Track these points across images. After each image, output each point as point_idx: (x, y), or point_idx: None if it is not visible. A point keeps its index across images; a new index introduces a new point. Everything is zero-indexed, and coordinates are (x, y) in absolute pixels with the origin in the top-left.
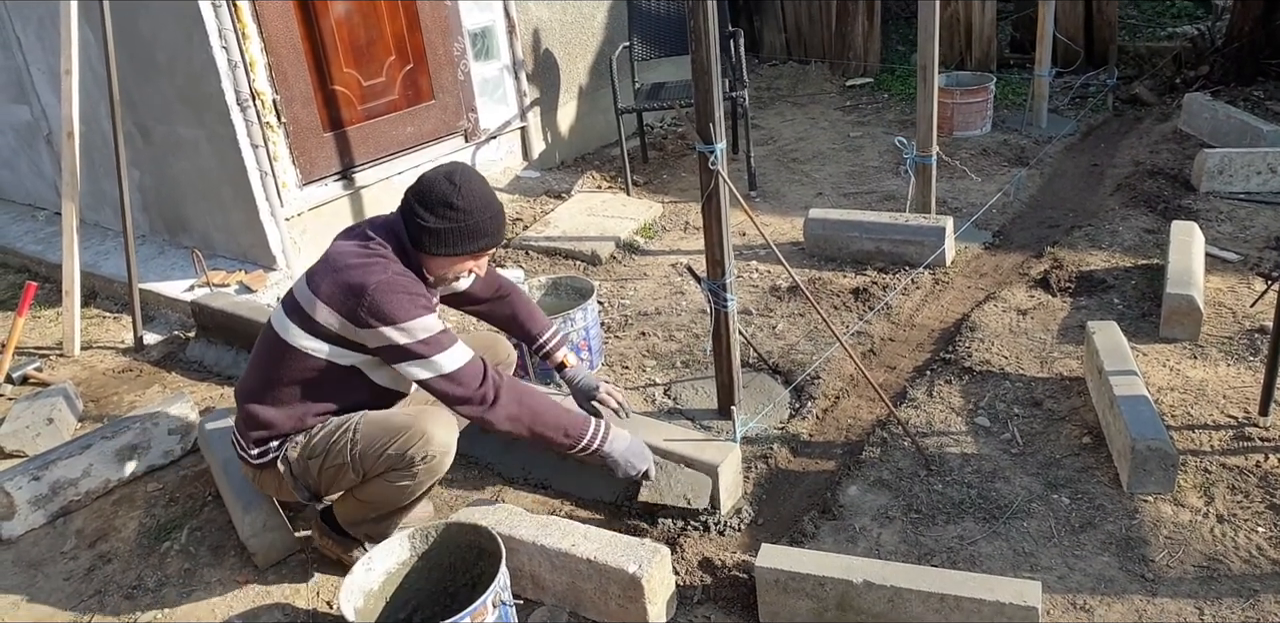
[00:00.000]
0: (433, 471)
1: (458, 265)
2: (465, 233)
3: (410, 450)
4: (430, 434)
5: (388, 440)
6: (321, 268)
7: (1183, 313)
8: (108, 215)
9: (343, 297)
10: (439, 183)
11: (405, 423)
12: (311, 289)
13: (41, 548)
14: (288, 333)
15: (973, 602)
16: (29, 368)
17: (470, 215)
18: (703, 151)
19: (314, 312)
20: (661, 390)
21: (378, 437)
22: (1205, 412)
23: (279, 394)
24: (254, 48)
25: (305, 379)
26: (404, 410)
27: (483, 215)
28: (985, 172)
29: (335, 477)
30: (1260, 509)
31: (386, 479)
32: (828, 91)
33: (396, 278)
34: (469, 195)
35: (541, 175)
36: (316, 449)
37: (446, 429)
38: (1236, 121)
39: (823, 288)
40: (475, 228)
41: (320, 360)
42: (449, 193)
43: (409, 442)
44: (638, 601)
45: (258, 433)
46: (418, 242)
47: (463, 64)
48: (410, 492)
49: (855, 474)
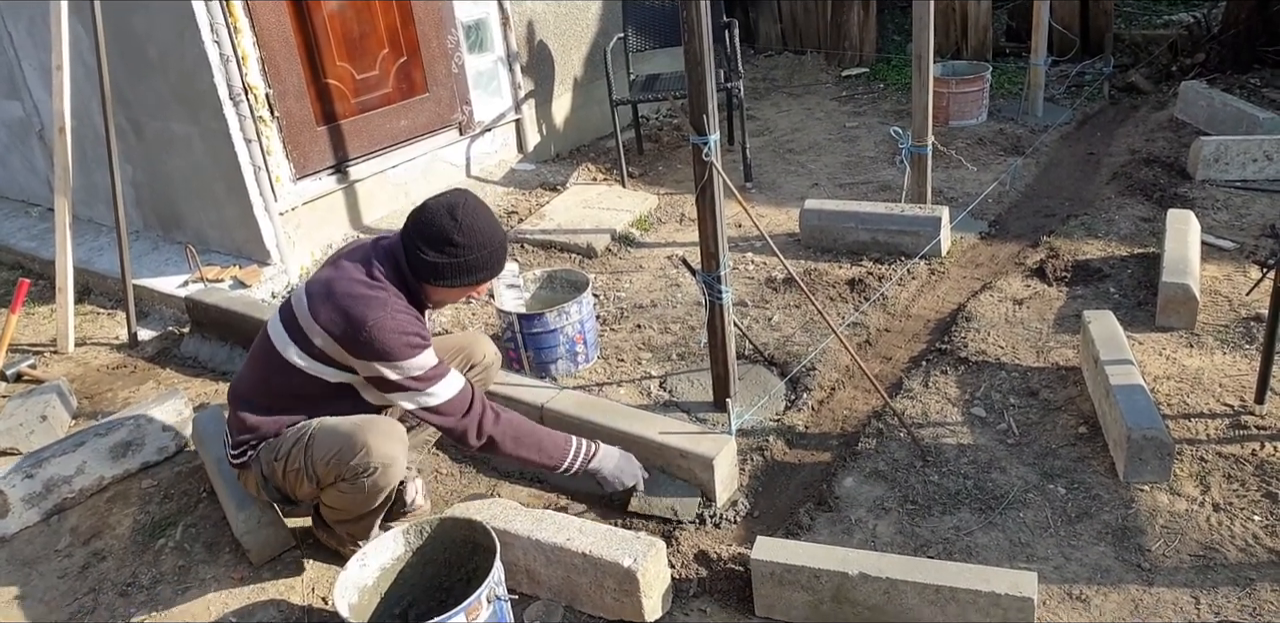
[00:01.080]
0: (377, 483)
1: (457, 294)
2: (464, 268)
3: (353, 462)
4: (371, 446)
5: (333, 449)
6: (323, 292)
7: (1179, 302)
8: (101, 211)
9: (342, 327)
10: (440, 217)
11: (349, 433)
12: (311, 313)
13: (36, 546)
14: (285, 349)
15: (968, 593)
16: (23, 365)
17: (470, 251)
18: (696, 143)
19: (311, 335)
20: (657, 383)
21: (326, 445)
22: (1201, 400)
23: (269, 401)
24: (246, 42)
25: (296, 391)
26: (354, 419)
27: (482, 251)
28: (981, 161)
29: (296, 481)
30: (1256, 498)
31: (338, 488)
32: (823, 82)
33: (396, 316)
34: (469, 232)
35: (536, 168)
36: (280, 452)
37: (387, 440)
38: (1232, 109)
39: (818, 279)
40: (474, 263)
41: (312, 377)
42: (450, 229)
43: (351, 452)
44: (633, 594)
45: (242, 435)
46: (417, 272)
47: (457, 57)
48: (363, 502)
49: (851, 466)
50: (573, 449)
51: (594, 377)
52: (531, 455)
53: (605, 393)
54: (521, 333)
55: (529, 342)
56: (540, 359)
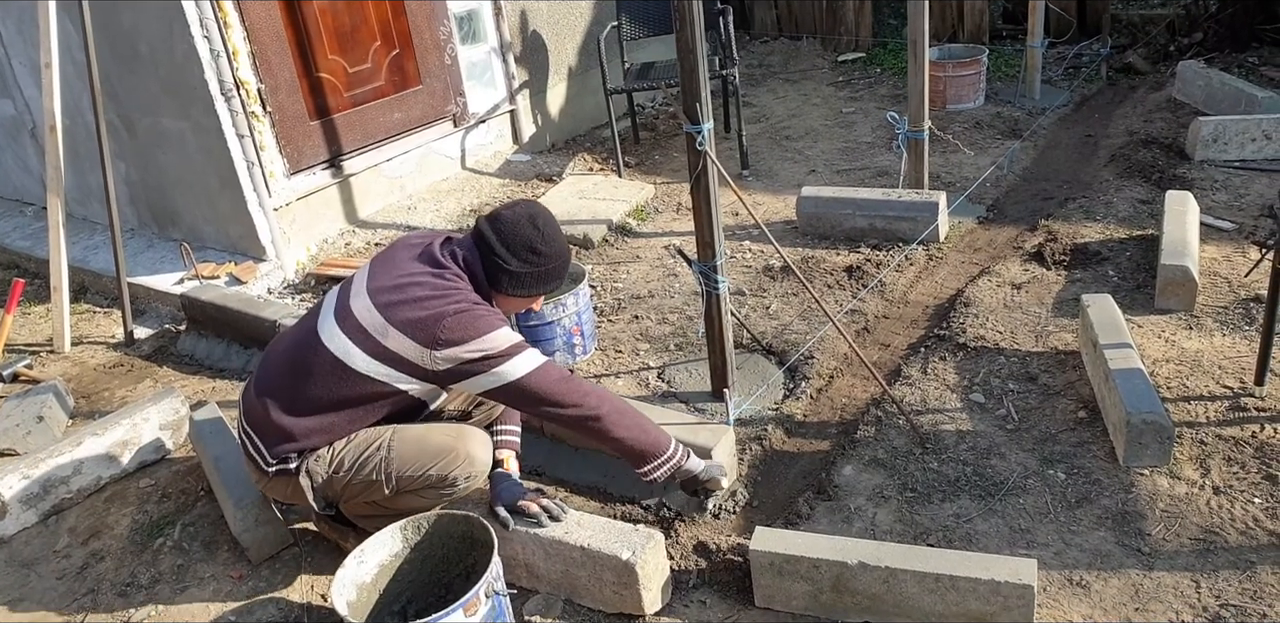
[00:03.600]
0: (470, 488)
1: (523, 303)
2: (543, 277)
3: (454, 472)
4: (474, 456)
5: (429, 462)
6: (395, 291)
7: (1178, 284)
8: (95, 209)
9: (421, 324)
10: (523, 226)
11: (446, 444)
12: (384, 314)
13: (34, 547)
14: (349, 356)
15: (968, 581)
16: (19, 365)
17: (551, 260)
18: (690, 132)
19: (381, 337)
20: (655, 374)
21: (415, 457)
22: (1201, 383)
23: (320, 411)
24: (236, 36)
25: (357, 400)
26: (441, 429)
27: (560, 261)
28: (979, 145)
29: (363, 491)
30: (1256, 480)
31: (420, 494)
32: (820, 67)
33: (475, 308)
34: (552, 241)
35: (532, 159)
36: (344, 464)
37: (485, 449)
38: (1231, 89)
39: (816, 266)
40: (552, 273)
41: (374, 381)
42: (534, 238)
43: (452, 463)
44: (632, 587)
45: (283, 446)
46: (495, 281)
47: (449, 48)
48: (439, 504)
49: (850, 454)
50: (673, 441)
51: (592, 369)
52: (635, 436)
53: (603, 385)
54: (518, 326)
55: (526, 334)
56: None
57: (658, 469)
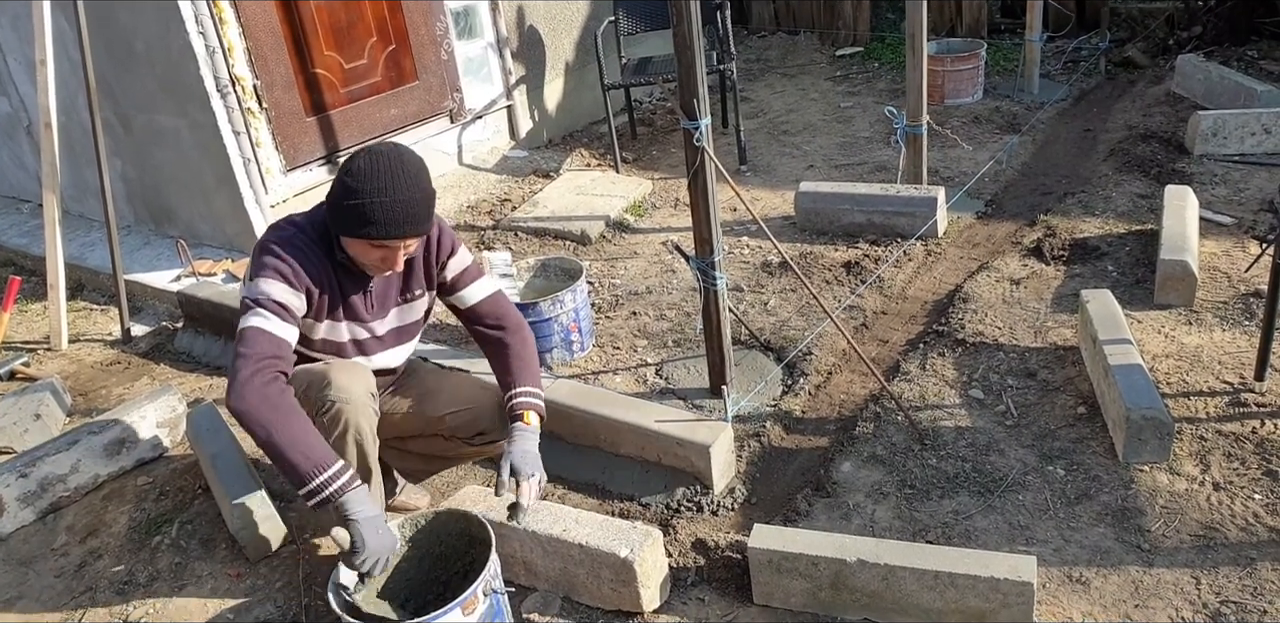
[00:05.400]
0: (342, 411)
1: (357, 250)
2: (354, 213)
3: (324, 393)
4: (336, 382)
5: (303, 380)
6: None
7: (1177, 279)
8: (92, 206)
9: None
10: (355, 158)
11: (320, 368)
12: None
13: (32, 545)
14: None
15: (967, 578)
16: (15, 363)
17: (359, 195)
18: (688, 128)
19: None
20: (653, 371)
21: (305, 378)
22: (1201, 378)
23: None
24: (232, 33)
25: None
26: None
27: (374, 198)
28: (977, 139)
29: None
30: (1257, 476)
31: (319, 421)
32: (818, 62)
33: (268, 250)
34: (364, 175)
35: (529, 154)
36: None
37: (354, 380)
38: (1230, 82)
39: (814, 262)
40: (364, 211)
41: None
42: (353, 169)
43: (320, 383)
44: (630, 584)
45: None
46: (329, 217)
47: (446, 43)
48: (333, 433)
49: (849, 450)
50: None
51: (589, 365)
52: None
53: (601, 382)
54: None
55: None
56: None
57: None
